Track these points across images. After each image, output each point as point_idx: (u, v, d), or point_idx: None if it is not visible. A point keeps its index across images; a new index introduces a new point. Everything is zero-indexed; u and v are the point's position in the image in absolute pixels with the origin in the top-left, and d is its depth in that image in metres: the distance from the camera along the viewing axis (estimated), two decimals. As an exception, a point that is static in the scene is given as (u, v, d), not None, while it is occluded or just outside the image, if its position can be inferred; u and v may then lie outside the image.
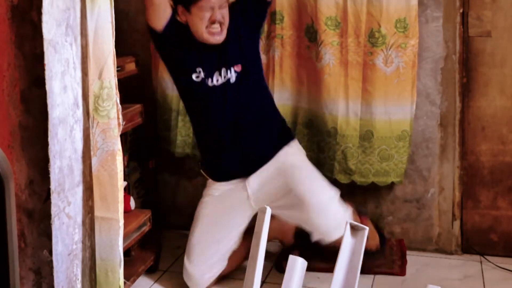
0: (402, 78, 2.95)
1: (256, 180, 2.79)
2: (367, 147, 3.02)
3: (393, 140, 3.00)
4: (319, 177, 2.78)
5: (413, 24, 2.92)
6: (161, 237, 3.10)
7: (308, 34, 3.04)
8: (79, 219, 2.15)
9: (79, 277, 2.18)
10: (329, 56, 2.99)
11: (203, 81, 2.72)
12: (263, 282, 2.83)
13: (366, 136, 3.01)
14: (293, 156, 2.82)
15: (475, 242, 3.14)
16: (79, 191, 2.15)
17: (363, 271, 1.65)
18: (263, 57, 3.12)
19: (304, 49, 3.08)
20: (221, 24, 2.66)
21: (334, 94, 3.00)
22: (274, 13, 3.07)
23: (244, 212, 2.83)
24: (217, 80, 2.72)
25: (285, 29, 3.07)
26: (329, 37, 2.98)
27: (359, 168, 3.04)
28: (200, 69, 2.71)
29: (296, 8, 3.05)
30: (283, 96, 3.12)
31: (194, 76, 2.72)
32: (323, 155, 3.04)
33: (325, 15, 2.96)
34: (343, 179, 3.05)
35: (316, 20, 2.98)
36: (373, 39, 2.94)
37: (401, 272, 2.94)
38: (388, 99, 2.97)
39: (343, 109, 3.00)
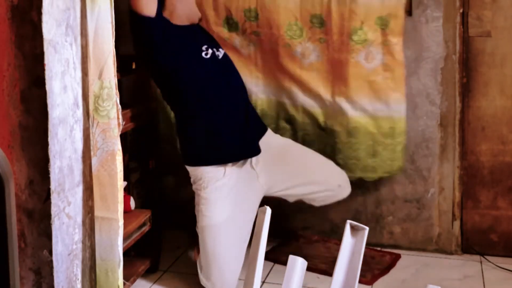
0: (387, 75, 2.94)
1: (262, 166, 2.79)
2: (353, 143, 3.01)
3: (380, 137, 2.98)
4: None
5: (397, 22, 2.90)
6: (161, 237, 3.09)
7: (291, 32, 3.02)
8: (79, 219, 2.15)
9: (79, 277, 2.18)
10: (314, 53, 2.98)
11: (213, 55, 2.76)
12: (263, 282, 2.83)
13: (353, 132, 3.00)
14: (278, 138, 2.96)
15: (475, 242, 3.14)
16: (79, 191, 2.15)
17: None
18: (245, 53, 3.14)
19: (285, 46, 3.04)
20: None
21: (319, 91, 3.00)
22: (248, 10, 3.04)
23: (258, 201, 2.78)
24: (218, 55, 2.80)
25: (261, 27, 3.04)
26: (314, 35, 2.97)
27: (346, 163, 3.03)
28: (206, 46, 2.76)
29: (273, 5, 3.01)
30: (266, 90, 3.11)
31: (203, 54, 2.74)
32: None
33: (310, 12, 2.96)
34: None
35: (300, 17, 2.98)
36: (356, 36, 2.93)
37: (369, 282, 2.85)
38: (373, 96, 2.95)
39: (328, 105, 3.00)
